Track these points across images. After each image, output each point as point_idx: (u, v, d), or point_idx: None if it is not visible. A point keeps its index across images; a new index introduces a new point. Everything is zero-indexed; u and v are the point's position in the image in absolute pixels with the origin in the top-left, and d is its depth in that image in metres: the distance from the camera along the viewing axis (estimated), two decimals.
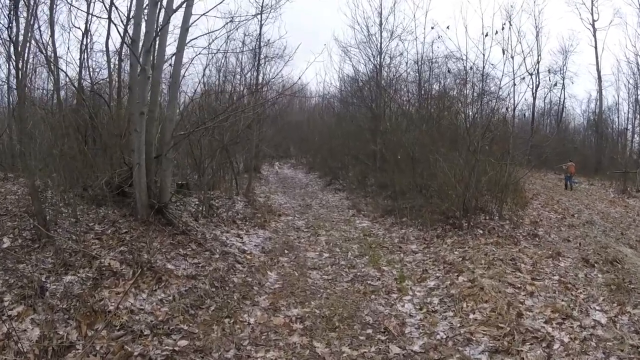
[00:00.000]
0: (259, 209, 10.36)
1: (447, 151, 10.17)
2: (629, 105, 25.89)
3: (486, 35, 8.61)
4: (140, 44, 6.34)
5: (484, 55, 9.00)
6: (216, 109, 11.65)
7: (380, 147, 14.10)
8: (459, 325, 4.33)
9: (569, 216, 10.83)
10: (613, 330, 4.23)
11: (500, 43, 8.90)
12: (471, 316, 4.46)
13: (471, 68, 10.13)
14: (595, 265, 6.43)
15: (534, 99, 27.16)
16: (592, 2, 26.10)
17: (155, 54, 6.90)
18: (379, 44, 17.25)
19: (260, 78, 16.55)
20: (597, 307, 4.79)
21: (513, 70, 9.13)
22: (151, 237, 5.86)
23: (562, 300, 4.91)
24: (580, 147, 26.26)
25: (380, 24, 17.24)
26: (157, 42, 6.85)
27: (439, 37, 17.18)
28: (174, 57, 6.96)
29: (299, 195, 15.28)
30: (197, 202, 8.99)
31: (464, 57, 10.46)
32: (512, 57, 8.97)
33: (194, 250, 5.85)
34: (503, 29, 8.92)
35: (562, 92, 28.66)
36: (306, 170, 24.35)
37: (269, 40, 16.39)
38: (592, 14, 26.00)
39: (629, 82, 25.38)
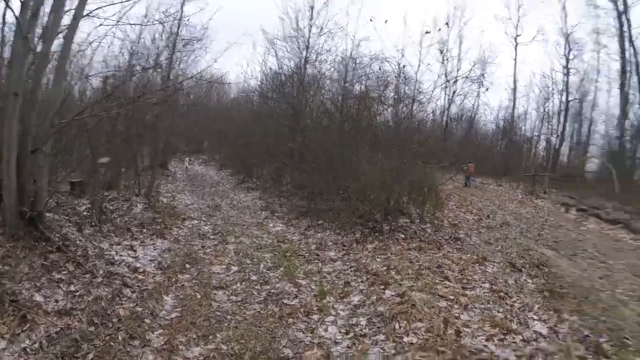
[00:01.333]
0: (160, 212, 9.14)
1: (369, 152, 9.67)
2: (537, 114, 27.98)
3: (427, 32, 8.19)
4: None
5: (420, 53, 8.53)
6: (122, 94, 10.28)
7: (299, 145, 13.37)
8: (393, 351, 3.72)
9: (485, 217, 10.84)
10: (556, 341, 3.98)
11: (438, 44, 8.62)
12: (405, 339, 3.87)
13: (404, 66, 9.69)
14: (523, 269, 6.26)
15: (450, 104, 28.01)
16: (518, 18, 27.33)
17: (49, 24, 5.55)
18: (307, 39, 16.64)
19: (177, 64, 15.06)
20: (535, 317, 4.55)
21: (445, 74, 8.79)
22: (18, 256, 4.61)
23: (499, 312, 4.58)
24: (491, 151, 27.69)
25: (311, 18, 16.63)
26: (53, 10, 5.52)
27: (367, 38, 17.08)
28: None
29: (208, 195, 14.11)
30: (89, 206, 7.66)
31: (401, 53, 10.04)
32: (447, 60, 8.60)
33: (70, 274, 4.66)
34: (440, 30, 8.57)
35: (477, 99, 29.87)
36: (218, 167, 23.06)
37: (188, 18, 14.70)
38: (516, 29, 27.34)
39: (540, 93, 27.40)
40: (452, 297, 4.75)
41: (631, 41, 21.07)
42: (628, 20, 21.23)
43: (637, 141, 21.10)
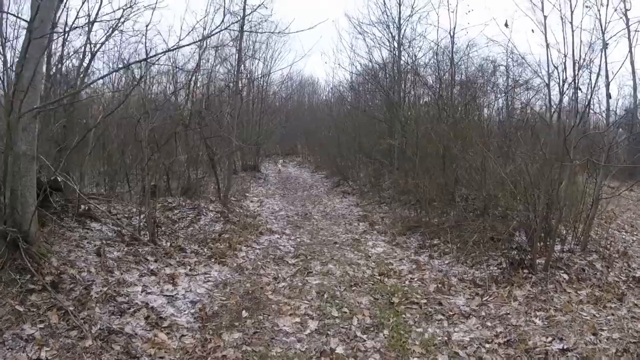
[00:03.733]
0: (236, 223, 7.52)
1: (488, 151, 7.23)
2: None
3: None
4: None
5: None
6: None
7: (400, 141, 11.16)
8: None
9: None
10: None
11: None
12: None
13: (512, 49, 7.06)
14: None
15: (561, 95, 23.62)
16: None
17: None
18: (397, 21, 14.31)
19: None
20: None
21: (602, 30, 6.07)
22: None
23: None
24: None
25: None
26: None
27: (470, 10, 14.28)
28: None
29: (299, 200, 12.45)
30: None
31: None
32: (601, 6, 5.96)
33: (50, 329, 3.01)
34: None
35: (590, 87, 25.08)
36: (312, 169, 21.52)
37: None
38: (624, 2, 22.31)
39: None
40: None
41: None
42: None
43: None
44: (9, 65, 4.47)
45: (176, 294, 4.10)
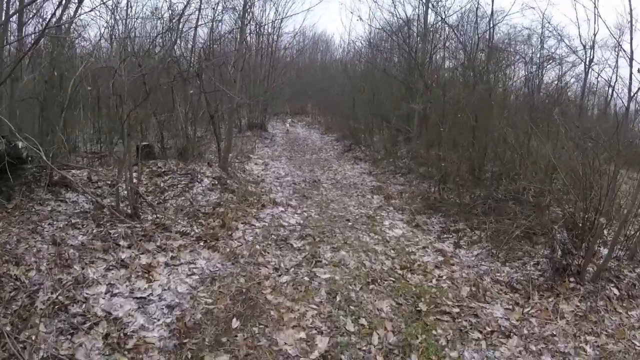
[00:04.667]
0: (235, 192, 6.66)
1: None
2: None
3: None
4: None
5: None
6: None
7: (423, 106, 10.08)
8: None
9: None
10: None
11: None
12: None
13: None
14: None
15: (586, 75, 21.66)
16: None
17: None
18: None
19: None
20: None
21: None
22: None
23: None
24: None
25: None
26: None
27: None
28: None
29: (307, 164, 11.53)
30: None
31: None
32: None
33: None
34: None
35: (616, 71, 23.10)
36: (322, 130, 20.46)
37: None
38: None
39: None
40: None
41: None
42: None
43: None
44: None
45: (150, 295, 3.25)
